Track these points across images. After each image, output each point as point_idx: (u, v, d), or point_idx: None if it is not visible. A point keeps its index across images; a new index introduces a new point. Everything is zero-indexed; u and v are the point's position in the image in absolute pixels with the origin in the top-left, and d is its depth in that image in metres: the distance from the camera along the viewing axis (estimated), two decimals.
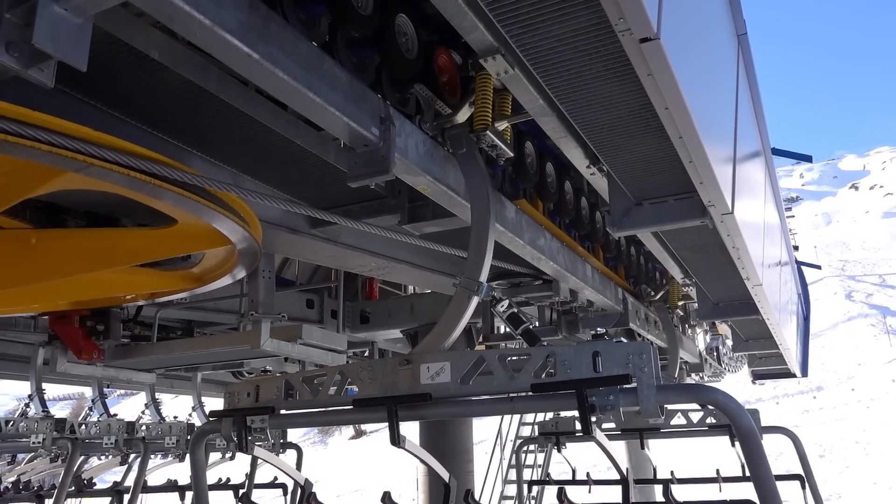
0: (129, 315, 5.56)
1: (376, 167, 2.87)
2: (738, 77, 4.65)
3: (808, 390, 39.30)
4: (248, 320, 4.65)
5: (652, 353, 2.52)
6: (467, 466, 9.61)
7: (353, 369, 3.07)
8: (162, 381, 7.82)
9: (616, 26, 2.40)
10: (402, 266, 5.47)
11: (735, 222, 4.28)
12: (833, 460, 29.17)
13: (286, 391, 3.22)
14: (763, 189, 6.34)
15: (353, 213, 4.21)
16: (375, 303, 8.40)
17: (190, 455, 3.61)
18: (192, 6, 1.94)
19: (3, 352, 7.31)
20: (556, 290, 5.63)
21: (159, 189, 2.48)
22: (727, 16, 4.41)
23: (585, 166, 4.04)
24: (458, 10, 2.58)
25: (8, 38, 1.82)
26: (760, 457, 2.41)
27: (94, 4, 1.89)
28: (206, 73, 2.81)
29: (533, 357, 2.69)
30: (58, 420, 6.36)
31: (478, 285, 3.07)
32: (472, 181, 3.39)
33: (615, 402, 2.49)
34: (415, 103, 3.45)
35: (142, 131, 3.16)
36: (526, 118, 3.49)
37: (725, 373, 14.74)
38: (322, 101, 2.53)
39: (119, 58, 2.66)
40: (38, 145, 2.05)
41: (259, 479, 8.12)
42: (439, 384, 2.78)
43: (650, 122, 3.32)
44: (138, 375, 6.34)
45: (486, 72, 3.05)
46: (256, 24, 2.23)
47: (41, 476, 9.17)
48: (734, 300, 7.76)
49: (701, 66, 3.49)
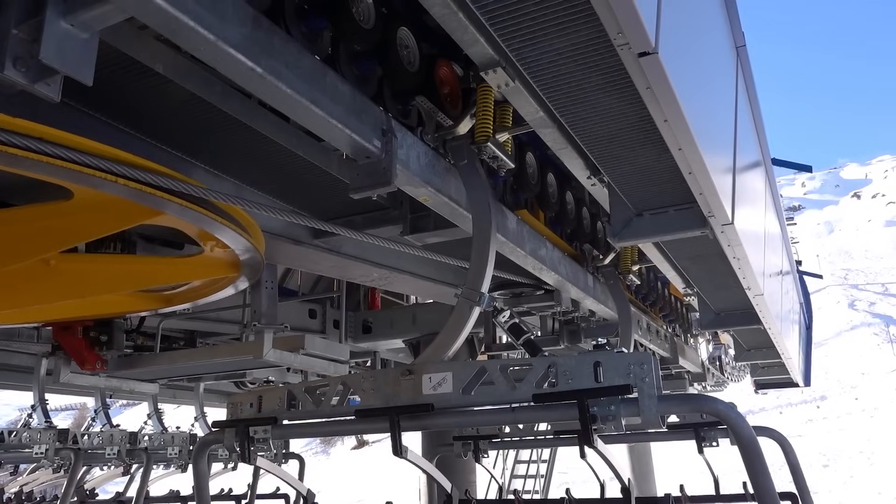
0: (132, 326, 5.59)
1: (378, 179, 2.90)
2: (737, 88, 4.68)
3: (812, 400, 39.18)
4: (250, 331, 4.66)
5: (653, 363, 2.53)
6: (469, 477, 9.58)
7: (355, 380, 3.09)
8: (164, 391, 7.84)
9: (615, 41, 2.43)
10: (403, 276, 5.49)
11: (735, 232, 4.30)
12: (837, 470, 29.01)
13: (289, 402, 3.24)
14: (763, 199, 6.36)
15: (356, 223, 4.24)
16: (377, 313, 8.41)
17: (193, 465, 3.62)
18: (196, 21, 1.97)
19: (5, 362, 7.33)
20: (557, 300, 5.65)
21: (163, 200, 2.51)
22: (726, 28, 4.45)
23: (586, 177, 4.06)
24: (459, 25, 2.61)
25: (15, 53, 1.85)
26: (762, 468, 2.41)
27: (100, 20, 1.92)
28: (210, 86, 2.84)
29: (534, 367, 2.70)
30: (61, 431, 6.38)
31: (479, 296, 3.09)
32: (474, 192, 3.42)
33: (616, 413, 2.51)
34: (416, 115, 3.48)
35: (147, 144, 3.19)
36: (526, 130, 3.53)
37: (728, 382, 14.72)
38: (324, 114, 2.56)
39: (124, 72, 2.69)
40: (46, 159, 2.08)
41: (261, 490, 8.12)
42: (441, 394, 2.79)
43: (650, 134, 3.34)
44: (141, 386, 6.35)
45: (487, 84, 3.09)
46: (260, 38, 2.26)
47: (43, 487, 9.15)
48: (736, 310, 7.76)
49: (699, 78, 3.51)
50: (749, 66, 5.05)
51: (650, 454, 16.44)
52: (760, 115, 5.77)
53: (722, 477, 5.69)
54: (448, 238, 4.13)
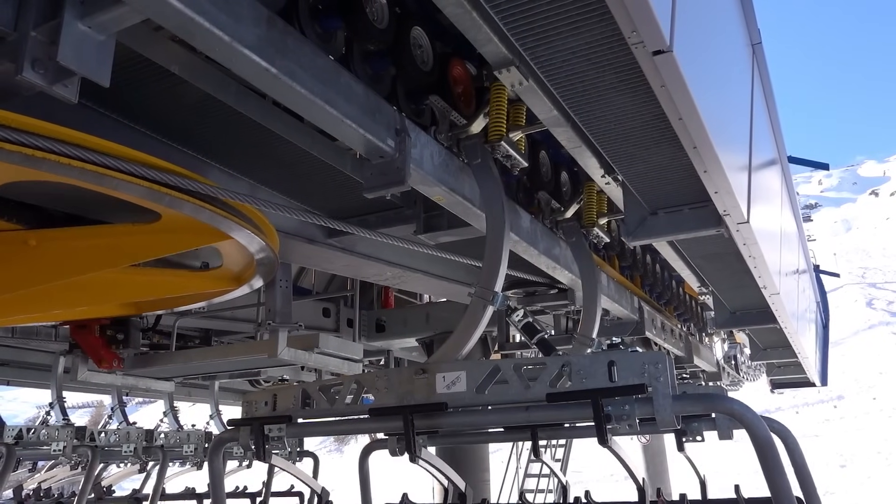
0: (148, 324, 5.63)
1: (392, 178, 2.90)
2: (752, 86, 4.64)
3: (829, 399, 38.84)
4: (265, 329, 4.69)
5: (668, 362, 2.51)
6: (483, 475, 9.58)
7: (369, 378, 3.10)
8: (180, 389, 7.90)
9: (629, 39, 2.42)
10: (417, 275, 5.50)
11: (751, 231, 4.27)
12: (855, 471, 28.77)
13: (303, 400, 3.24)
14: (779, 197, 6.30)
15: (369, 222, 4.25)
16: (391, 311, 8.43)
17: (208, 463, 3.64)
18: (211, 22, 1.99)
19: (23, 360, 7.42)
20: (571, 299, 5.64)
21: (178, 200, 2.52)
22: (741, 26, 4.41)
23: (600, 176, 4.05)
24: (473, 24, 2.61)
25: (34, 55, 1.88)
26: (778, 469, 2.38)
27: (117, 22, 1.95)
28: (225, 86, 2.86)
29: (548, 367, 2.69)
30: (78, 428, 6.44)
31: (493, 295, 3.09)
32: (487, 191, 3.41)
33: (631, 412, 2.49)
34: (430, 114, 3.48)
35: (163, 144, 3.22)
36: (540, 128, 3.52)
37: (744, 382, 14.61)
38: (339, 114, 2.57)
39: (140, 72, 2.71)
40: (62, 159, 2.10)
41: (276, 487, 8.16)
42: (455, 393, 2.79)
43: (664, 133, 3.33)
44: (157, 384, 6.40)
45: (501, 83, 3.08)
46: (274, 38, 2.27)
47: (61, 484, 9.25)
48: (751, 309, 7.72)
49: (715, 76, 3.49)
50: (765, 63, 5.00)
51: (664, 453, 16.39)
52: (776, 112, 5.72)
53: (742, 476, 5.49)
54: (461, 237, 4.14)
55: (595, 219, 4.74)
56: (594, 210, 4.77)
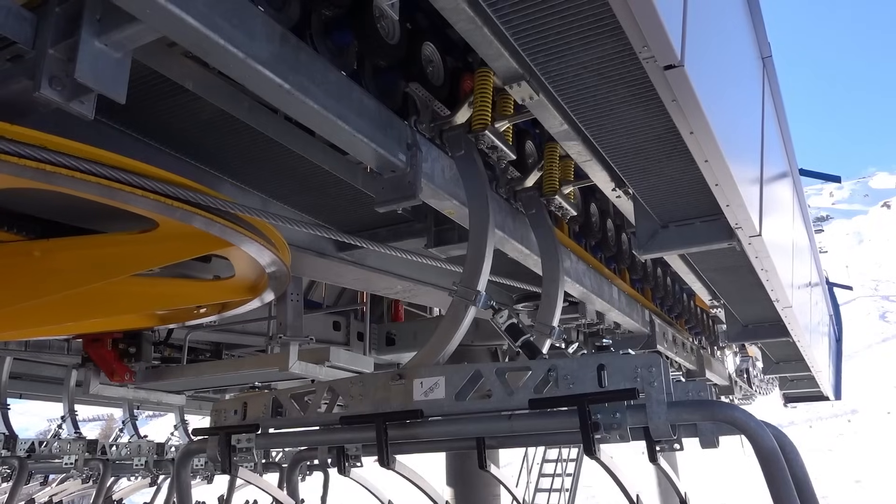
0: (159, 338, 5.65)
1: (403, 192, 2.91)
2: (763, 99, 4.64)
3: (843, 413, 38.45)
4: (276, 343, 4.70)
5: (662, 366, 2.32)
6: (493, 490, 9.51)
7: (343, 385, 2.90)
8: (191, 402, 7.90)
9: (640, 54, 2.42)
10: (427, 288, 5.50)
11: (763, 244, 4.25)
12: (868, 486, 28.40)
13: (274, 409, 3.05)
14: (791, 210, 6.28)
15: (380, 236, 4.26)
16: (401, 325, 8.42)
17: (175, 476, 3.34)
18: (226, 39, 2.01)
19: (36, 373, 7.45)
20: (582, 312, 5.61)
21: (189, 214, 2.54)
22: (751, 39, 4.42)
23: (611, 189, 4.05)
24: (484, 39, 2.62)
25: (51, 72, 1.90)
26: (784, 480, 2.19)
27: (133, 40, 1.97)
28: (238, 102, 2.88)
29: (533, 371, 2.51)
30: (90, 441, 6.48)
31: (475, 294, 2.89)
32: (471, 184, 3.20)
33: (621, 420, 2.31)
34: (412, 104, 3.28)
35: (176, 159, 3.24)
36: (528, 117, 3.32)
37: (756, 395, 14.48)
38: (351, 129, 2.59)
39: (154, 88, 2.74)
40: (75, 174, 2.12)
41: None
42: (433, 400, 2.62)
43: (676, 146, 3.33)
44: (168, 397, 6.42)
45: (486, 68, 2.92)
46: (287, 54, 2.30)
47: (72, 497, 9.26)
48: (763, 322, 7.67)
49: (725, 90, 3.49)
50: (775, 77, 5.00)
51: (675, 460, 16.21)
52: (787, 124, 5.71)
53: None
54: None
55: (558, 186, 4.11)
56: (556, 177, 4.14)
